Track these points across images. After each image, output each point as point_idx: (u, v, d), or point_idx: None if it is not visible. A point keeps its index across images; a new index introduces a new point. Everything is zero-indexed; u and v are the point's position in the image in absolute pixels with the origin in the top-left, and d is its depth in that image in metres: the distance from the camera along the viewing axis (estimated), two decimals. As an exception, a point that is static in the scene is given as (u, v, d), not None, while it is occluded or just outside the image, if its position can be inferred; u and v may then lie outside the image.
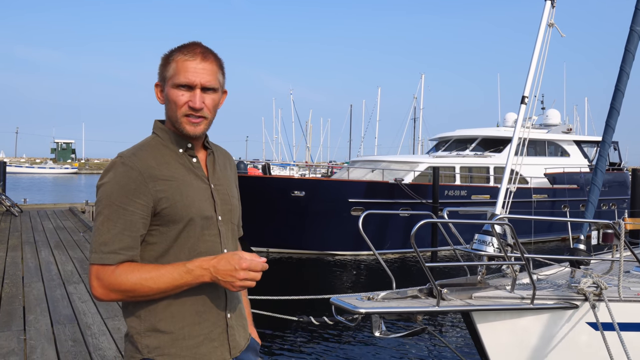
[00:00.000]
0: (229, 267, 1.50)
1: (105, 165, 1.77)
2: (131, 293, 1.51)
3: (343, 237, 14.64)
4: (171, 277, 1.51)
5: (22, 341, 4.47)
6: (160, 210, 1.56)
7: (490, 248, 4.31)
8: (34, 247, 9.62)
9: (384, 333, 3.48)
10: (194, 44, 1.64)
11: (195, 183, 1.64)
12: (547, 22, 5.94)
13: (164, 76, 1.63)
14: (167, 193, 1.56)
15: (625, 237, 4.27)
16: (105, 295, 1.51)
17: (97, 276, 1.50)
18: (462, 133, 19.42)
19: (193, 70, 1.59)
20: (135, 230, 1.53)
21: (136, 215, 1.52)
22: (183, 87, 1.59)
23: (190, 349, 1.58)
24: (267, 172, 15.39)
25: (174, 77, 1.59)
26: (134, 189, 1.52)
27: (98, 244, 1.51)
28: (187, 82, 1.59)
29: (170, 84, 1.61)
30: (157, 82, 1.67)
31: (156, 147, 1.64)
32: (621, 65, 6.08)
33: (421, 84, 49.02)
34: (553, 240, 17.79)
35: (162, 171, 1.58)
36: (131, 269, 1.51)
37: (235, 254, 1.52)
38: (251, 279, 1.51)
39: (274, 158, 63.54)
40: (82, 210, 18.01)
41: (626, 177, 20.01)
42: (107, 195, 1.52)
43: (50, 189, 46.19)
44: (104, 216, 1.52)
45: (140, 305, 1.57)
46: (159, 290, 1.51)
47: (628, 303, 4.26)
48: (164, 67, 1.63)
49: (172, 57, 1.62)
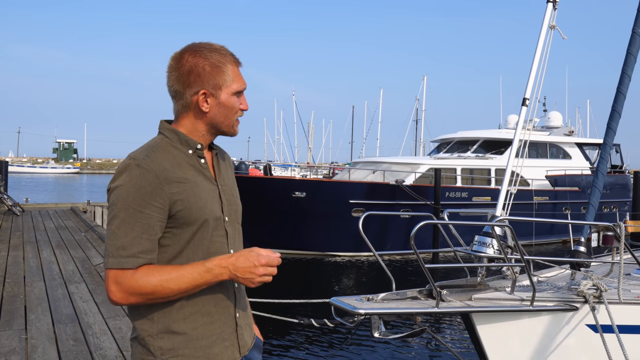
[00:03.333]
0: (247, 264, 1.53)
1: (107, 165, 1.79)
2: (152, 295, 1.50)
3: (344, 238, 14.64)
4: (191, 277, 1.51)
5: (24, 340, 4.49)
6: (175, 213, 1.55)
7: (490, 250, 4.32)
8: (36, 247, 9.64)
9: (383, 334, 3.49)
10: (227, 50, 1.68)
11: (205, 184, 1.64)
12: (549, 24, 5.95)
13: (216, 83, 1.62)
14: (182, 195, 1.56)
15: (625, 240, 4.27)
16: (125, 300, 1.49)
17: (115, 280, 1.48)
18: (464, 135, 19.42)
19: (241, 76, 1.68)
20: (153, 233, 1.52)
21: (153, 218, 1.51)
22: (238, 93, 1.67)
23: (204, 349, 1.59)
24: (268, 173, 15.41)
25: (233, 85, 1.64)
26: (150, 191, 1.51)
27: (115, 248, 1.48)
28: (243, 88, 1.68)
29: (227, 91, 1.64)
30: (204, 90, 1.62)
31: (167, 148, 1.62)
32: (623, 68, 6.08)
33: (423, 85, 49.13)
34: (554, 242, 17.77)
35: (176, 173, 1.58)
36: (151, 271, 1.50)
37: (251, 251, 1.55)
38: (269, 274, 1.55)
39: (275, 159, 63.60)
40: (83, 210, 18.03)
41: (628, 180, 19.97)
42: (123, 198, 1.50)
43: (52, 189, 46.26)
44: (120, 219, 1.49)
45: (154, 307, 1.56)
46: (179, 291, 1.51)
47: (628, 305, 4.26)
48: (217, 74, 1.62)
49: (221, 63, 1.63)
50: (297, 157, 61.38)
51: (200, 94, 1.62)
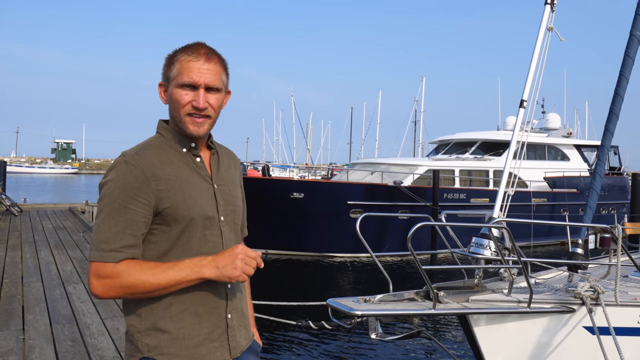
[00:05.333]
0: (227, 260, 1.56)
1: (105, 165, 1.79)
2: (131, 289, 1.51)
3: (342, 239, 14.64)
4: (171, 273, 1.53)
5: (21, 341, 4.48)
6: (162, 210, 1.56)
7: (487, 251, 4.32)
8: (34, 247, 9.63)
9: (380, 335, 3.49)
10: (198, 45, 1.65)
11: (198, 183, 1.65)
12: (547, 26, 5.96)
13: (167, 76, 1.65)
14: (169, 192, 1.57)
15: (623, 242, 4.28)
16: (105, 293, 1.51)
17: (96, 274, 1.50)
18: (462, 136, 19.44)
19: (197, 70, 1.60)
20: (137, 229, 1.54)
21: (138, 214, 1.53)
22: (187, 86, 1.61)
23: (190, 349, 1.59)
24: (266, 173, 15.41)
25: (178, 77, 1.61)
26: (136, 187, 1.53)
27: (98, 242, 1.51)
28: (191, 81, 1.60)
29: (174, 83, 1.62)
30: (160, 82, 1.69)
31: (160, 146, 1.64)
32: (621, 70, 6.09)
33: (422, 86, 49.05)
34: (552, 244, 17.79)
35: (165, 170, 1.59)
36: (132, 266, 1.52)
37: (230, 248, 1.60)
38: (249, 265, 1.58)
39: (274, 160, 63.59)
40: (82, 210, 18.01)
41: (626, 182, 19.99)
42: (109, 194, 1.53)
43: (50, 189, 46.20)
44: (105, 214, 1.52)
45: (142, 303, 1.57)
46: (159, 286, 1.52)
47: (625, 307, 4.27)
48: (168, 67, 1.64)
49: (176, 57, 1.63)
50: (296, 158, 61.40)
51: (158, 86, 1.69)
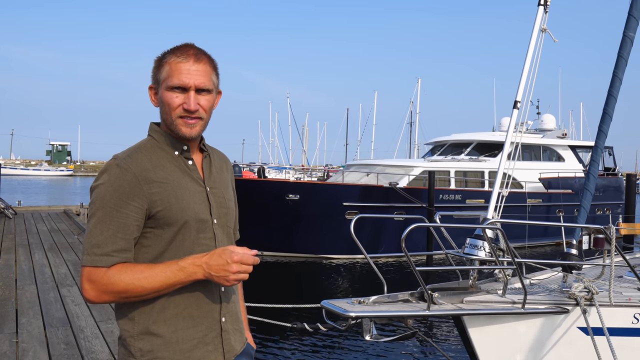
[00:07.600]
0: (220, 262, 1.52)
1: (101, 167, 1.77)
2: (124, 294, 1.50)
3: (337, 240, 14.64)
4: (164, 275, 1.51)
5: (14, 344, 4.46)
6: (155, 213, 1.55)
7: (482, 252, 4.33)
8: (28, 250, 9.59)
9: (374, 337, 3.49)
10: (187, 46, 1.64)
11: (190, 186, 1.64)
12: (540, 27, 5.98)
13: (157, 79, 1.64)
14: (161, 196, 1.56)
15: (617, 242, 4.29)
16: (98, 298, 1.50)
17: (89, 278, 1.50)
18: (458, 137, 19.48)
19: (186, 72, 1.59)
20: (129, 232, 1.53)
21: (130, 217, 1.52)
22: (177, 89, 1.60)
23: (184, 353, 1.58)
24: (262, 175, 15.40)
25: (168, 80, 1.59)
26: (128, 191, 1.52)
27: (90, 246, 1.50)
28: (181, 84, 1.59)
29: (164, 86, 1.60)
30: (150, 85, 1.68)
31: (152, 149, 1.63)
32: (614, 71, 6.12)
33: (417, 88, 49.23)
34: (547, 244, 17.84)
35: (157, 174, 1.58)
36: (124, 269, 1.50)
37: (226, 249, 1.54)
38: (244, 272, 1.53)
39: (270, 161, 63.55)
40: (76, 212, 17.94)
41: (621, 182, 20.07)
42: (101, 198, 1.52)
43: (45, 191, 46.02)
44: (97, 218, 1.51)
45: (135, 307, 1.56)
46: (152, 290, 1.51)
47: (619, 308, 4.28)
48: (157, 70, 1.63)
49: (165, 60, 1.62)
50: (292, 159, 61.50)
51: (148, 89, 1.68)
